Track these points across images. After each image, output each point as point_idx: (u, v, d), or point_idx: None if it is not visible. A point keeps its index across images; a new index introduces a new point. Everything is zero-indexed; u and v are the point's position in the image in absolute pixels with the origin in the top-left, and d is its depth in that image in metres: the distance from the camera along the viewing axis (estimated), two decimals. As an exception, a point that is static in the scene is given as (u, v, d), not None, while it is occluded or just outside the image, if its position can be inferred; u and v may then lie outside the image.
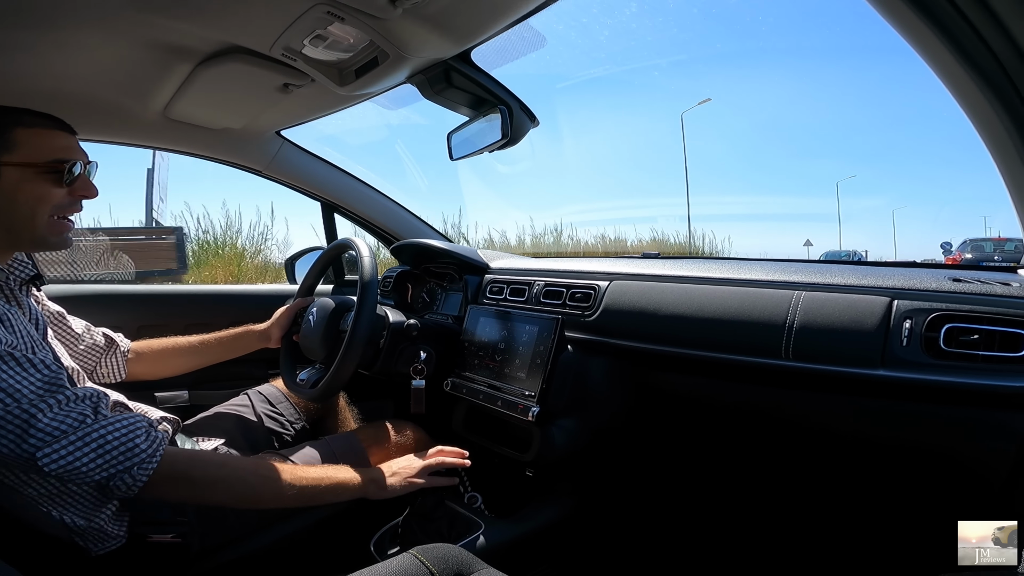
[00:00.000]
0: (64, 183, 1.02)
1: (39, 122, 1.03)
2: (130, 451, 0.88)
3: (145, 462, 0.89)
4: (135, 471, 0.88)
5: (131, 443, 0.89)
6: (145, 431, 0.91)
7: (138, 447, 0.89)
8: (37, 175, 0.99)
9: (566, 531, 1.38)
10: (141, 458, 0.89)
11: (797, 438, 1.19)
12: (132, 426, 0.90)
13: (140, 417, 0.93)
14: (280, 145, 1.93)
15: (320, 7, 1.01)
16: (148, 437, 0.91)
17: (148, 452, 0.90)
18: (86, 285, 1.97)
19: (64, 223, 1.06)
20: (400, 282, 1.90)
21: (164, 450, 0.92)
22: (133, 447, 0.88)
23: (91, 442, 0.86)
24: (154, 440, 0.91)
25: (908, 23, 0.56)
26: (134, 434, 0.89)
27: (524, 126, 1.38)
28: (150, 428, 0.92)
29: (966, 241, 13.06)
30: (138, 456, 0.88)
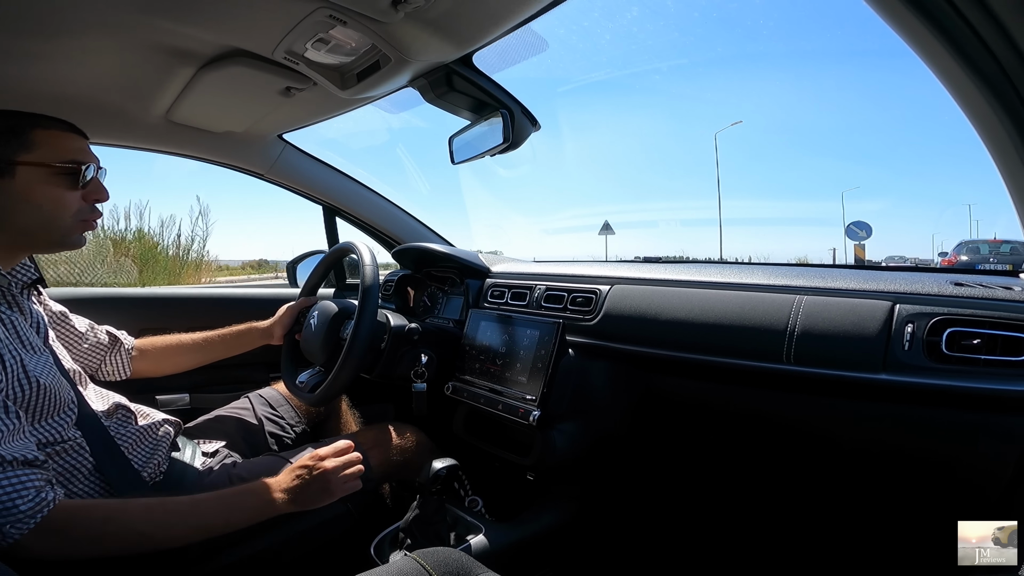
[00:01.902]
0: (78, 186, 1.04)
1: (55, 125, 1.04)
2: (7, 511, 0.83)
3: (20, 522, 0.84)
4: (7, 529, 0.83)
5: (10, 503, 0.83)
6: (33, 492, 0.86)
7: (17, 508, 0.84)
8: (52, 176, 1.01)
9: (567, 535, 1.38)
10: (17, 517, 0.83)
11: (798, 442, 1.19)
12: (19, 486, 0.85)
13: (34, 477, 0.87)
14: (282, 149, 1.94)
15: (322, 11, 1.01)
16: (34, 499, 0.85)
17: (27, 513, 0.84)
18: (88, 288, 1.97)
19: (90, 223, 1.09)
20: (401, 286, 1.90)
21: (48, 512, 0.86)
22: (12, 507, 0.83)
23: None
24: (39, 502, 0.86)
25: (909, 26, 0.56)
26: (17, 495, 0.84)
27: (525, 130, 1.38)
28: (40, 490, 0.87)
29: (962, 243, 13.05)
30: (13, 516, 0.83)
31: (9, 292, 1.02)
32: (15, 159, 0.98)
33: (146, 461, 1.13)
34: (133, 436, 1.14)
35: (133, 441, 1.14)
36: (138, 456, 1.13)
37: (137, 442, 1.14)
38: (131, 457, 1.11)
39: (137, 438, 1.15)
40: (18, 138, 0.98)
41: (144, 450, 1.15)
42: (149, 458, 1.14)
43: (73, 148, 1.05)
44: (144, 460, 1.13)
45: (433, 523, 1.17)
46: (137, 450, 1.13)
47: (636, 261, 1.70)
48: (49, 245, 1.07)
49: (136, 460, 1.11)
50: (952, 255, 12.70)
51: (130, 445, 1.12)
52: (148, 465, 1.13)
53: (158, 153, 1.83)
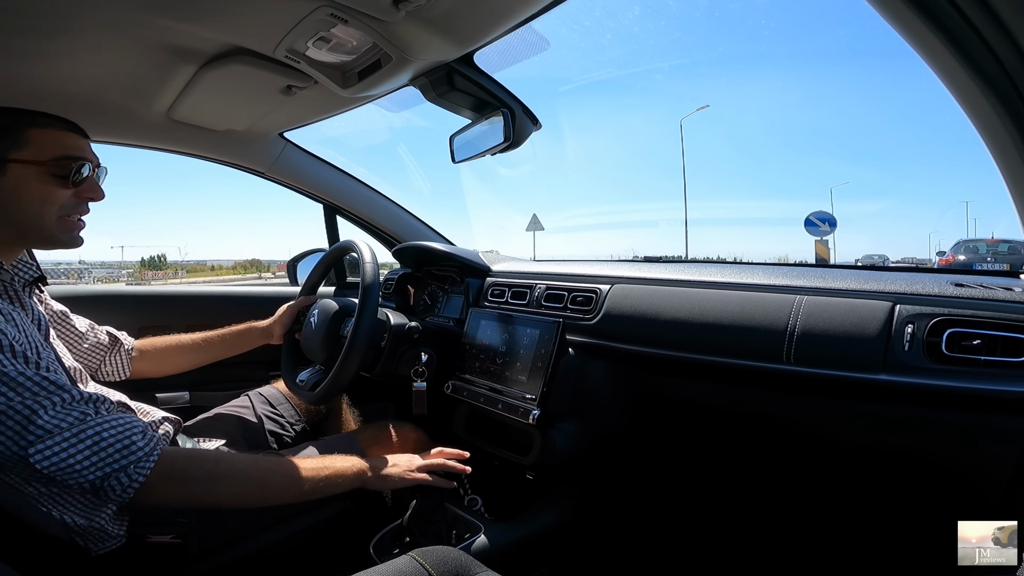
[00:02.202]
0: (70, 183, 1.03)
1: (52, 123, 1.04)
2: (126, 448, 0.86)
3: (142, 461, 0.87)
4: (131, 470, 0.86)
5: (128, 440, 0.87)
6: (142, 430, 0.90)
7: (135, 444, 0.87)
8: (43, 173, 1.00)
9: (566, 535, 1.38)
10: (137, 456, 0.87)
11: (798, 442, 1.19)
12: (129, 425, 0.89)
13: (137, 418, 0.92)
14: (283, 147, 1.94)
15: (324, 9, 1.01)
16: (145, 436, 0.89)
17: (145, 451, 0.88)
18: (88, 286, 1.97)
19: (74, 222, 1.07)
20: (402, 285, 1.90)
21: (162, 449, 0.91)
22: (129, 444, 0.87)
23: (86, 439, 0.84)
24: (151, 440, 0.90)
25: (910, 25, 0.56)
26: (131, 431, 0.88)
27: (526, 129, 1.38)
28: (147, 428, 0.91)
29: (959, 242, 12.98)
30: (134, 455, 0.86)
31: (12, 287, 1.02)
32: (7, 157, 0.97)
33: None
34: None
35: None
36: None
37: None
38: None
39: (137, 436, 1.15)
40: (11, 136, 0.98)
41: None
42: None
43: (67, 145, 1.04)
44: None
45: (432, 522, 1.17)
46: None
47: (636, 260, 1.70)
48: (41, 241, 1.06)
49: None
50: (950, 254, 12.66)
51: None
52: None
53: (159, 151, 1.83)
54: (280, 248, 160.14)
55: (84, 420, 0.86)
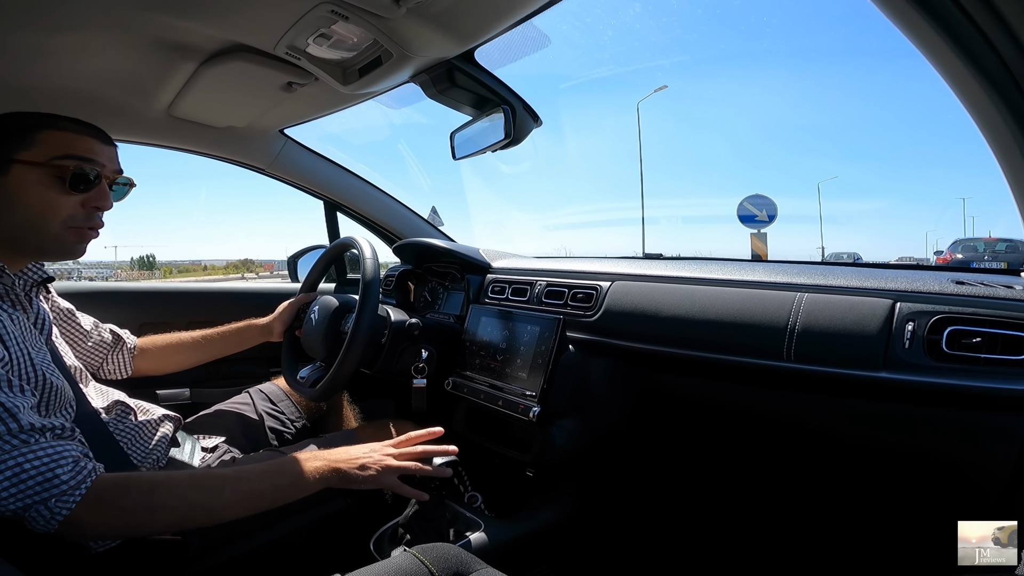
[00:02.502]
0: (69, 187, 0.97)
1: (72, 127, 1.00)
2: (48, 481, 0.81)
3: (65, 495, 0.81)
4: (52, 504, 0.80)
5: (51, 473, 0.81)
6: (72, 462, 0.84)
7: (58, 478, 0.81)
8: (44, 176, 0.95)
9: (566, 532, 1.38)
10: (60, 489, 0.81)
11: (798, 440, 1.19)
12: (57, 457, 0.83)
13: (71, 448, 0.86)
14: (283, 143, 1.94)
15: (324, 6, 1.01)
16: (74, 468, 0.83)
17: (70, 484, 0.82)
18: (89, 283, 1.97)
19: (83, 232, 1.02)
20: (402, 281, 1.90)
21: (92, 482, 0.84)
22: (52, 477, 0.81)
23: (5, 469, 0.79)
24: (79, 472, 0.84)
25: (913, 24, 0.56)
26: (57, 464, 0.82)
27: (527, 126, 1.38)
28: (79, 460, 0.85)
29: (957, 241, 12.92)
30: (56, 488, 0.81)
31: (12, 292, 0.99)
32: (12, 157, 0.94)
33: (145, 456, 1.14)
34: (132, 432, 1.14)
35: (132, 437, 1.14)
36: (137, 451, 1.13)
37: (136, 437, 1.14)
38: (130, 452, 1.11)
39: (136, 433, 1.15)
40: (20, 136, 0.95)
41: (143, 445, 1.15)
42: (148, 453, 1.15)
43: (75, 146, 0.98)
44: (143, 455, 1.13)
45: (432, 519, 1.17)
46: (136, 445, 1.14)
47: (637, 257, 1.69)
48: (39, 252, 1.01)
49: (135, 455, 1.12)
50: (947, 253, 12.61)
51: (129, 441, 1.13)
52: (147, 460, 1.13)
53: (160, 148, 1.83)
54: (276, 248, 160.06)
55: (13, 450, 0.81)
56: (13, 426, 0.81)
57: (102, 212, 1.03)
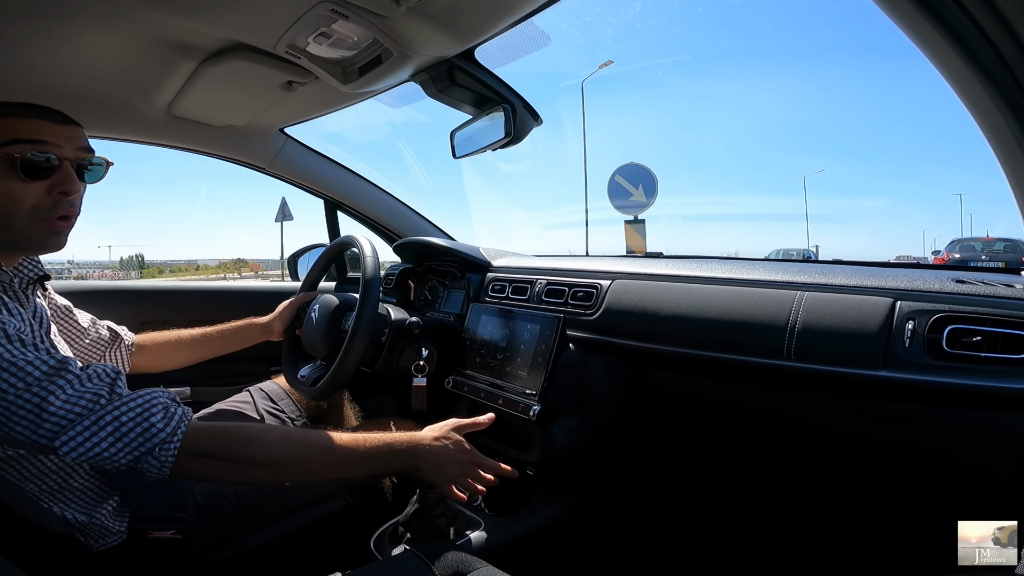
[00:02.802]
0: (21, 173, 0.90)
1: (17, 112, 0.93)
2: (147, 431, 0.83)
3: (165, 442, 0.84)
4: (158, 452, 0.83)
5: (147, 423, 0.84)
6: (162, 409, 0.86)
7: (155, 426, 0.84)
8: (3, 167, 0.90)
9: (566, 530, 1.38)
10: (160, 438, 0.84)
11: (798, 438, 1.19)
12: (148, 405, 0.85)
13: (158, 393, 0.88)
14: (283, 142, 1.94)
15: (324, 5, 1.01)
16: (165, 415, 0.86)
17: (167, 432, 0.85)
18: (89, 281, 1.97)
19: (48, 224, 0.96)
20: (402, 280, 1.89)
21: (186, 427, 0.87)
22: (149, 427, 0.84)
23: (106, 426, 0.82)
24: (172, 417, 0.86)
25: (914, 23, 0.56)
26: (150, 412, 0.85)
27: (527, 124, 1.38)
28: (168, 406, 0.88)
29: (954, 241, 12.79)
30: (157, 437, 0.84)
31: (10, 288, 0.98)
32: None
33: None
34: None
35: None
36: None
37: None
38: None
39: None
40: None
41: None
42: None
43: (24, 130, 0.91)
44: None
45: (433, 518, 1.17)
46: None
47: (637, 256, 1.69)
48: (13, 247, 0.97)
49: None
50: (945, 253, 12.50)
51: None
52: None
53: (160, 147, 1.83)
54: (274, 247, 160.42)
55: (98, 404, 0.82)
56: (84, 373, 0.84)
57: (71, 197, 0.97)
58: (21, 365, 0.80)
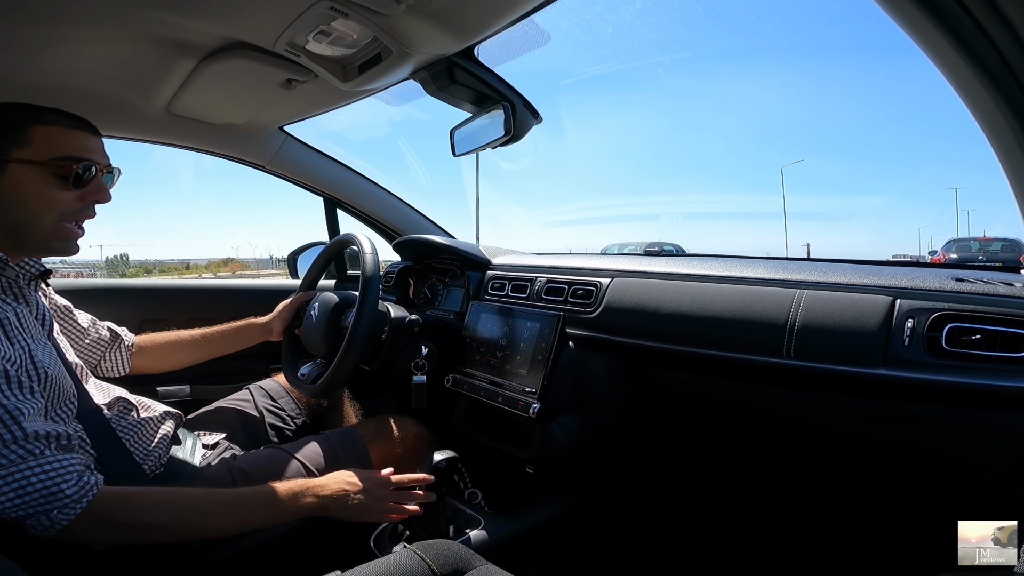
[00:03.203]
0: (71, 185, 0.99)
1: (60, 120, 1.00)
2: (52, 495, 0.85)
3: (66, 507, 0.86)
4: (53, 515, 0.85)
5: (55, 488, 0.86)
6: (76, 477, 0.88)
7: (62, 492, 0.86)
8: (43, 174, 0.97)
9: (566, 528, 1.38)
10: (63, 503, 0.86)
11: (797, 436, 1.19)
12: (63, 471, 0.87)
13: (75, 461, 0.90)
14: (283, 140, 1.93)
15: (324, 3, 1.01)
16: (78, 483, 0.88)
17: (72, 498, 0.87)
18: (88, 280, 1.97)
19: (70, 229, 1.03)
20: (402, 278, 1.89)
21: (93, 496, 0.89)
22: (57, 492, 0.86)
23: (12, 481, 0.83)
24: (83, 487, 0.88)
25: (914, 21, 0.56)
26: (62, 478, 0.87)
27: (527, 123, 1.38)
28: (83, 473, 0.90)
29: (951, 241, 12.60)
30: (60, 501, 0.86)
31: (16, 284, 1.00)
32: (8, 155, 0.95)
33: (147, 454, 1.14)
34: (134, 429, 1.14)
35: (134, 434, 1.14)
36: (139, 448, 1.13)
37: (138, 434, 1.14)
38: (132, 450, 1.11)
39: (138, 430, 1.15)
40: (14, 133, 0.95)
41: (145, 442, 1.15)
42: (150, 451, 1.15)
43: (73, 145, 1.00)
44: (145, 452, 1.14)
45: (432, 515, 1.17)
46: (138, 443, 1.14)
47: (637, 254, 1.69)
48: (35, 248, 1.02)
49: (137, 453, 1.12)
50: (941, 253, 12.35)
51: (131, 438, 1.13)
52: (149, 458, 1.14)
53: (159, 145, 1.83)
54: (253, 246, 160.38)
55: (20, 460, 0.85)
56: (19, 433, 0.85)
57: (97, 205, 1.06)
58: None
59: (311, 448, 1.30)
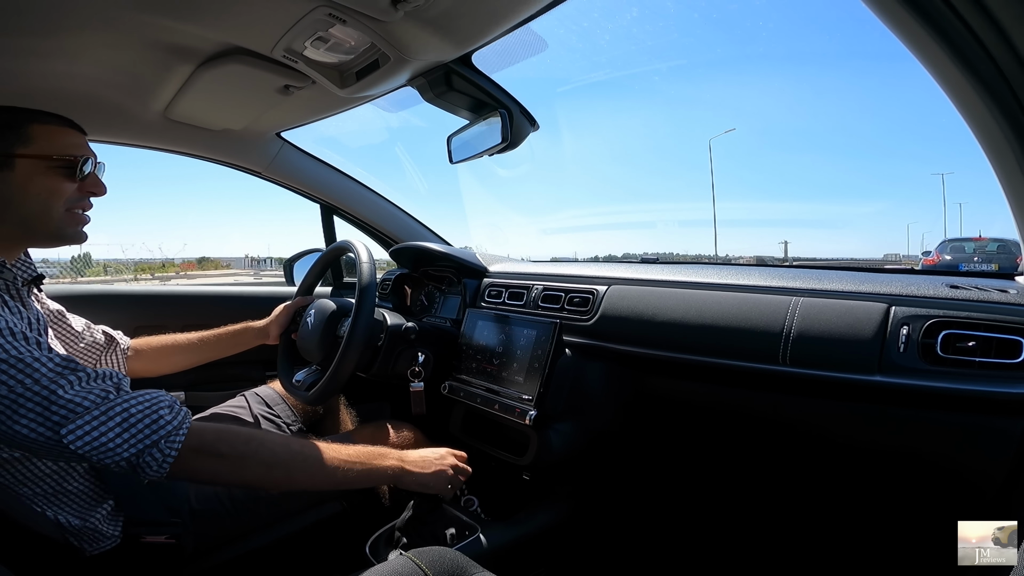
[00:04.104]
0: (76, 178, 1.03)
1: (52, 120, 1.04)
2: (155, 423, 0.85)
3: (172, 435, 0.86)
4: (163, 444, 0.85)
5: (156, 415, 0.86)
6: (169, 404, 0.89)
7: (163, 418, 0.86)
8: (50, 169, 1.00)
9: (562, 535, 1.38)
10: (167, 430, 0.86)
11: (794, 443, 1.19)
12: (155, 400, 0.88)
13: (162, 393, 0.91)
14: (280, 147, 1.93)
15: (322, 9, 1.01)
16: (172, 410, 0.89)
17: (174, 424, 0.87)
18: (83, 285, 1.97)
19: (80, 215, 1.06)
20: (398, 285, 1.89)
21: (190, 423, 0.90)
22: (158, 419, 0.86)
23: (115, 415, 0.83)
24: (178, 413, 0.89)
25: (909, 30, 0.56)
26: (158, 406, 0.87)
27: (524, 130, 1.38)
28: (174, 402, 0.91)
29: (945, 241, 12.33)
30: (164, 429, 0.86)
31: (14, 286, 1.01)
32: (13, 152, 0.97)
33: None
34: None
35: None
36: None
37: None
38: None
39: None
40: (15, 132, 0.98)
41: None
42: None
43: (70, 143, 1.04)
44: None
45: (429, 522, 1.17)
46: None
47: (634, 261, 1.70)
48: (48, 237, 1.04)
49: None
50: (935, 254, 12.17)
51: None
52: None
53: (156, 150, 1.82)
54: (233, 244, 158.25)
55: (107, 397, 0.85)
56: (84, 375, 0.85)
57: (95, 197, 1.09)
58: (28, 361, 0.81)
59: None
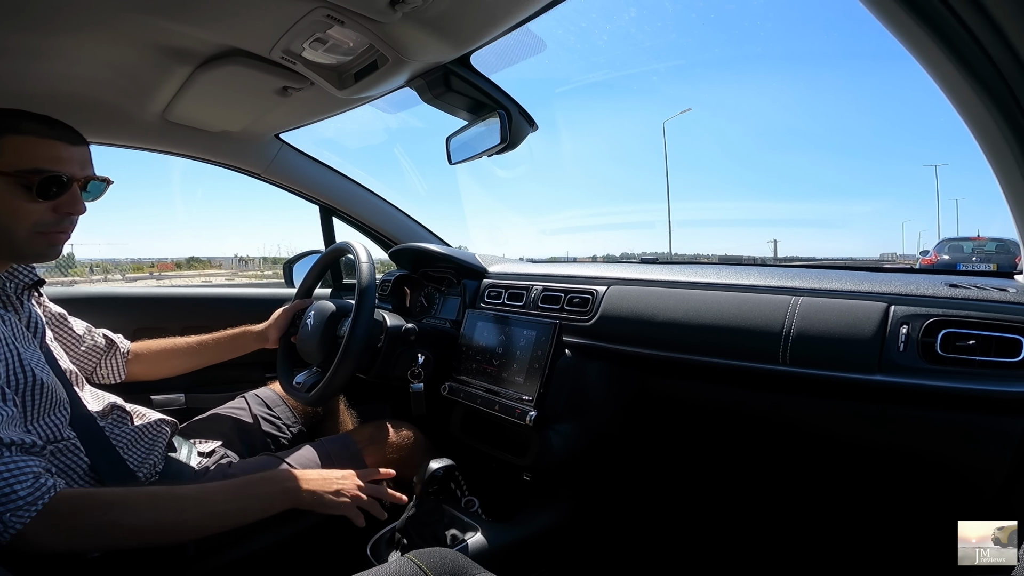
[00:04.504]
0: (38, 196, 0.94)
1: (37, 130, 0.96)
2: (4, 496, 0.80)
3: (20, 510, 0.81)
4: (7, 517, 0.80)
5: (8, 488, 0.81)
6: (32, 479, 0.83)
7: (15, 493, 0.81)
8: (11, 185, 0.93)
9: (563, 535, 1.38)
10: (16, 504, 0.81)
11: (795, 442, 1.19)
12: (17, 472, 0.83)
13: (32, 463, 0.85)
14: (279, 148, 1.93)
15: (320, 10, 1.01)
16: (34, 485, 0.83)
17: (26, 500, 0.82)
18: (83, 287, 1.97)
19: (46, 236, 0.99)
20: (398, 286, 1.89)
21: (50, 499, 0.84)
22: (10, 492, 0.81)
23: None
24: (38, 489, 0.83)
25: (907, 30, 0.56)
26: (16, 479, 0.82)
27: (523, 130, 1.38)
28: (40, 476, 0.85)
29: (943, 241, 12.20)
30: (12, 503, 0.81)
31: (4, 293, 1.01)
32: None
33: (141, 461, 1.13)
34: (129, 436, 1.14)
35: (129, 441, 1.13)
36: (134, 456, 1.12)
37: (133, 442, 1.14)
38: (126, 457, 1.10)
39: (133, 438, 1.14)
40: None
41: (140, 450, 1.15)
42: (145, 458, 1.14)
43: (45, 156, 0.95)
44: (140, 460, 1.13)
45: (429, 523, 1.17)
46: (133, 450, 1.13)
47: (633, 262, 1.70)
48: (11, 256, 1.00)
49: (131, 460, 1.11)
50: (933, 254, 12.08)
51: (125, 445, 1.12)
52: (144, 465, 1.13)
53: (154, 152, 1.82)
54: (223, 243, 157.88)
55: None
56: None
57: (74, 217, 1.02)
58: None
59: (306, 454, 1.30)
